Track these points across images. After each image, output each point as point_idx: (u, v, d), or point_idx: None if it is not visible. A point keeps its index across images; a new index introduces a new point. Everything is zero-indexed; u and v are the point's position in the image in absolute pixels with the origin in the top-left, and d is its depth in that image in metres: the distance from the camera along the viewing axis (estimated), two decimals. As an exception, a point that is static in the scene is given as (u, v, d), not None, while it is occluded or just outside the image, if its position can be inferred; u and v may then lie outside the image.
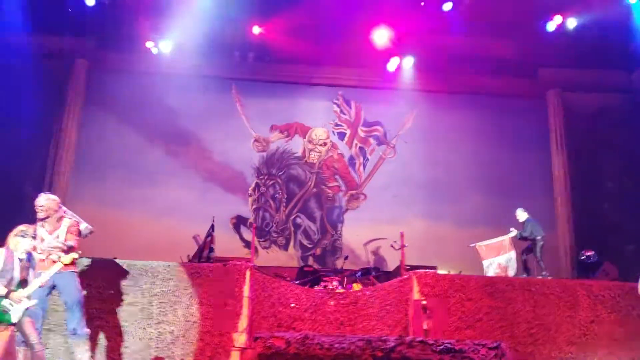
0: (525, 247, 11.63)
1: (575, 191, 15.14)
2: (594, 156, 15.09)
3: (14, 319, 6.39)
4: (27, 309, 6.49)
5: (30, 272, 6.77)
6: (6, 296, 6.40)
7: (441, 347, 5.40)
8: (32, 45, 14.35)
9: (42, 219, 7.40)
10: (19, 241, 6.68)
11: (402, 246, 10.78)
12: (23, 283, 6.64)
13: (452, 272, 10.89)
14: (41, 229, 7.34)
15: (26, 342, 6.60)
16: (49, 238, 7.32)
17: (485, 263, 11.47)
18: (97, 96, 15.34)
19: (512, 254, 11.29)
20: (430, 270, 9.63)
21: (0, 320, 6.39)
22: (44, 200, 7.48)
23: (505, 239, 11.44)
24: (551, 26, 14.34)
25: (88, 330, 7.32)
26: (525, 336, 8.97)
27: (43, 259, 7.15)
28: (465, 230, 12.06)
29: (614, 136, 15.08)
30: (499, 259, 11.33)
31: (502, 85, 15.67)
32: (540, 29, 14.47)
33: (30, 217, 12.54)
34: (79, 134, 15.18)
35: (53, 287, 7.19)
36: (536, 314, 9.14)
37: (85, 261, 9.10)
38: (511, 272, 11.13)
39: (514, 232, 11.46)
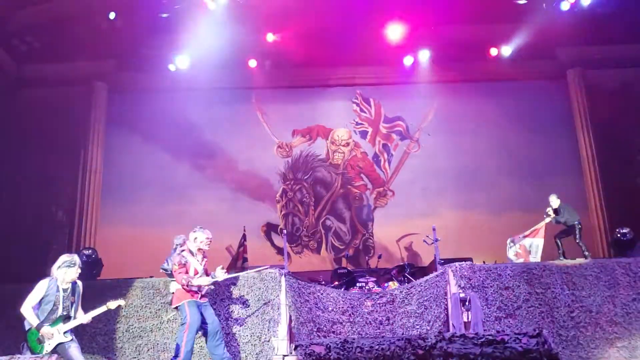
0: (560, 231, 11.53)
1: (604, 169, 14.93)
2: (620, 132, 14.84)
3: (46, 350, 6.50)
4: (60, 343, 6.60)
5: (78, 303, 6.90)
6: (37, 329, 6.49)
7: (482, 339, 5.36)
8: (51, 72, 14.59)
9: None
10: (66, 271, 6.77)
11: (435, 240, 10.71)
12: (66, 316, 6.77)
13: (487, 262, 10.78)
14: (195, 261, 7.72)
15: None
16: (201, 270, 7.74)
17: (508, 240, 11.39)
18: (119, 117, 15.56)
19: (540, 242, 11.15)
20: (466, 262, 9.54)
21: (34, 349, 6.50)
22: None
23: (542, 225, 11.32)
24: (565, 5, 14.14)
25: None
26: (567, 320, 8.86)
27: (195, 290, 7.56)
28: (498, 217, 11.96)
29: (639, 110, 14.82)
30: (524, 240, 11.24)
31: (521, 68, 15.49)
32: (555, 9, 14.26)
33: (64, 243, 12.80)
34: (105, 156, 15.41)
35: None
36: (576, 297, 9.02)
37: (122, 281, 9.30)
38: (532, 259, 11.01)
39: (549, 219, 11.37)
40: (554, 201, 11.45)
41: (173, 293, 7.77)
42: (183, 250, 7.77)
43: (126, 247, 14.13)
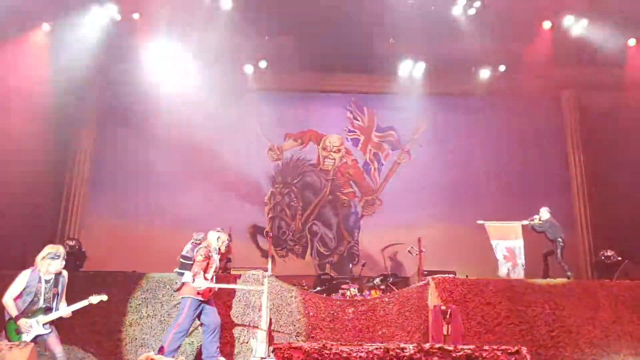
0: (548, 250, 11.51)
1: (593, 190, 15.01)
2: (611, 154, 14.88)
3: (25, 339, 6.46)
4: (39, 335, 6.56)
5: (61, 295, 6.85)
6: (15, 321, 6.44)
7: (460, 353, 5.37)
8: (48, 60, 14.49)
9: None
10: (49, 263, 6.71)
11: (420, 251, 10.73)
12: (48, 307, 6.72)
13: (470, 277, 10.79)
14: (216, 258, 7.95)
15: (52, 357, 6.66)
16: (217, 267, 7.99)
17: (493, 243, 11.34)
18: (112, 111, 15.45)
19: (521, 243, 11.15)
20: (449, 275, 9.57)
21: (12, 340, 6.44)
22: None
23: (517, 225, 11.32)
24: (562, 27, 14.28)
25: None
26: (546, 339, 8.91)
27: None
28: (483, 232, 11.91)
29: (631, 133, 14.87)
30: (506, 242, 11.20)
31: (515, 86, 15.54)
32: (552, 29, 14.38)
33: (49, 234, 12.69)
34: (95, 149, 15.33)
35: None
36: (556, 316, 9.09)
37: (105, 274, 9.28)
38: (519, 262, 11.01)
39: (526, 221, 11.39)
40: (544, 214, 11.47)
41: (184, 283, 7.76)
42: (207, 246, 7.92)
43: (111, 240, 14.06)
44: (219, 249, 8.04)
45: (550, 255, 11.46)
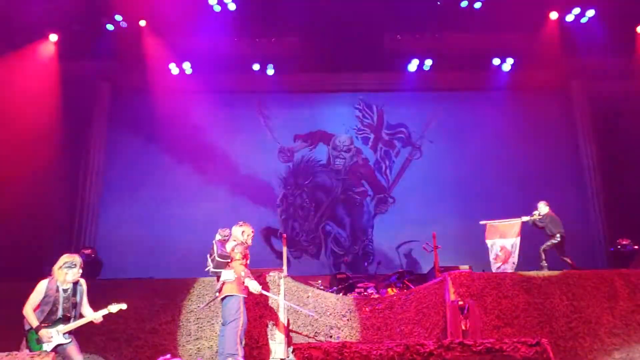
0: (557, 250, 11.31)
1: (606, 180, 14.91)
2: (623, 143, 14.80)
3: (46, 348, 6.50)
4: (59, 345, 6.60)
5: (79, 304, 6.88)
6: (36, 331, 6.47)
7: (480, 347, 5.35)
8: (56, 70, 14.59)
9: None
10: (66, 272, 6.76)
11: (435, 247, 10.70)
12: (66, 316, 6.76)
13: (486, 271, 10.75)
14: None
15: None
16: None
17: (488, 243, 11.27)
18: (122, 117, 15.57)
19: (518, 241, 11.05)
20: (465, 270, 9.53)
21: (33, 349, 6.48)
22: None
23: (517, 222, 11.21)
24: (569, 17, 14.23)
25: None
26: (565, 330, 8.85)
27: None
28: (497, 226, 11.87)
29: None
30: (503, 241, 11.10)
31: (524, 78, 15.45)
32: (560, 20, 14.33)
33: (65, 243, 12.78)
34: (107, 156, 15.41)
35: None
36: (575, 307, 9.03)
37: (122, 281, 9.32)
38: (511, 260, 10.93)
39: (526, 218, 11.29)
40: (542, 208, 11.34)
41: (224, 283, 7.68)
42: (240, 243, 7.94)
43: (126, 248, 14.12)
44: (246, 241, 8.01)
45: (562, 253, 11.23)
